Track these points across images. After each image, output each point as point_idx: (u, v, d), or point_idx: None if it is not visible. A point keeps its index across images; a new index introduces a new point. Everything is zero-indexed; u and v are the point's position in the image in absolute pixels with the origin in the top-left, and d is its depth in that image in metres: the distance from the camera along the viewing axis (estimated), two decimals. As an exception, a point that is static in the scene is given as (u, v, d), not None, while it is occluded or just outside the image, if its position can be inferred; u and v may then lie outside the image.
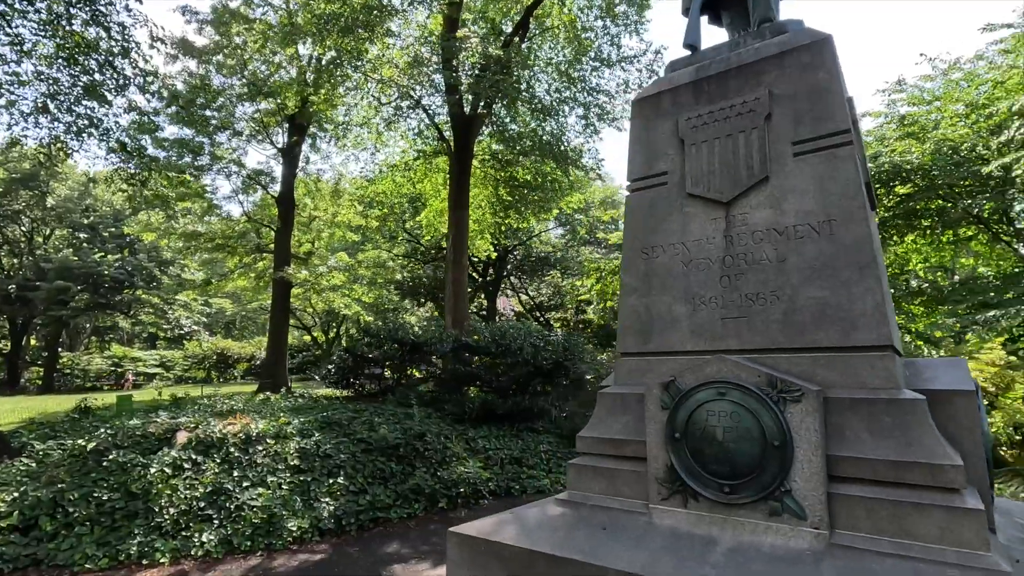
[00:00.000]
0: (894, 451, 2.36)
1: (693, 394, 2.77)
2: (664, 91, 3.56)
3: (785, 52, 3.12)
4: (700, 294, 3.13)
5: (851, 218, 2.75)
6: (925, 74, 12.58)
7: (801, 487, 2.43)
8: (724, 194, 3.14)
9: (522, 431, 7.76)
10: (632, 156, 3.62)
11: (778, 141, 3.03)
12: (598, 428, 3.25)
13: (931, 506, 2.21)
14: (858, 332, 2.63)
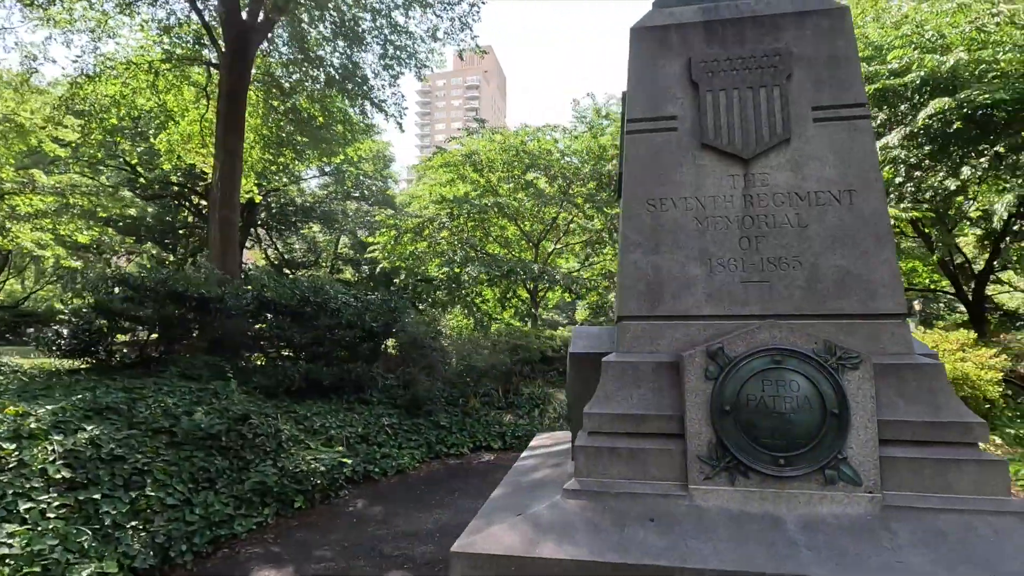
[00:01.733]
0: (928, 413, 2.51)
1: (746, 363, 2.54)
2: (671, 25, 3.18)
3: (804, 13, 3.04)
4: (717, 255, 2.91)
5: (870, 189, 2.84)
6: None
7: (856, 453, 2.43)
8: (745, 150, 2.94)
9: (353, 403, 6.69)
10: (633, 94, 3.16)
11: (798, 103, 2.95)
12: (609, 403, 2.79)
13: (966, 461, 2.42)
14: (877, 300, 2.74)
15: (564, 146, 14.47)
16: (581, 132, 14.63)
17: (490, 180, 15.25)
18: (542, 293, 15.47)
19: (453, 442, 6.43)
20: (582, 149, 14.73)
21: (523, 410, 7.53)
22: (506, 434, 6.73)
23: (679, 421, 2.66)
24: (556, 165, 13.76)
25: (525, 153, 14.22)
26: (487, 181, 15.22)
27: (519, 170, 14.78)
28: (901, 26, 8.00)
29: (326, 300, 7.60)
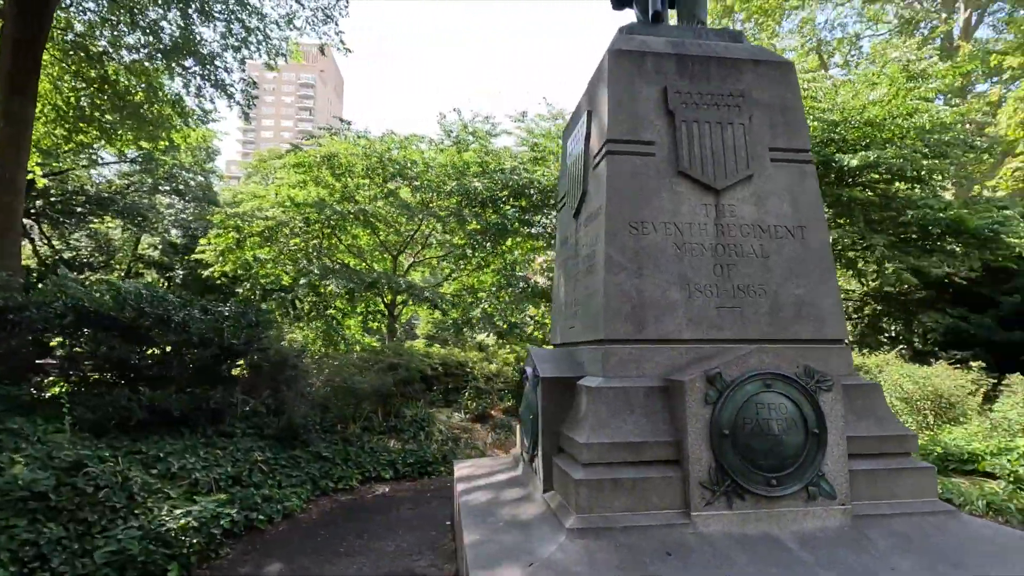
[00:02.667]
0: (875, 428, 2.84)
1: (741, 386, 2.62)
2: (647, 52, 3.23)
3: (759, 61, 3.32)
4: (695, 280, 2.99)
5: (818, 226, 3.16)
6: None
7: (831, 469, 2.63)
8: (717, 182, 3.09)
9: (212, 437, 5.55)
10: (612, 114, 3.14)
11: (758, 144, 3.20)
12: (604, 432, 2.66)
13: (906, 469, 2.77)
14: (826, 327, 3.05)
15: (429, 158, 14.18)
16: (447, 146, 14.48)
17: (347, 185, 14.30)
18: (399, 308, 14.87)
19: (340, 475, 5.70)
20: (447, 163, 14.58)
21: (408, 434, 7.03)
22: (397, 462, 6.18)
23: (675, 447, 2.64)
24: (422, 177, 13.41)
25: (391, 161, 13.63)
26: (344, 186, 14.25)
27: (381, 178, 14.11)
28: None
29: (168, 312, 6.30)
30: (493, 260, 15.65)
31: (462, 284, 15.01)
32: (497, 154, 14.92)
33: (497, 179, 13.49)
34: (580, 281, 3.45)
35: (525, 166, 14.07)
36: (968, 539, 2.49)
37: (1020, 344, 7.77)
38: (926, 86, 8.80)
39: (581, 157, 3.54)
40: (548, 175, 13.48)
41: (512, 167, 14.00)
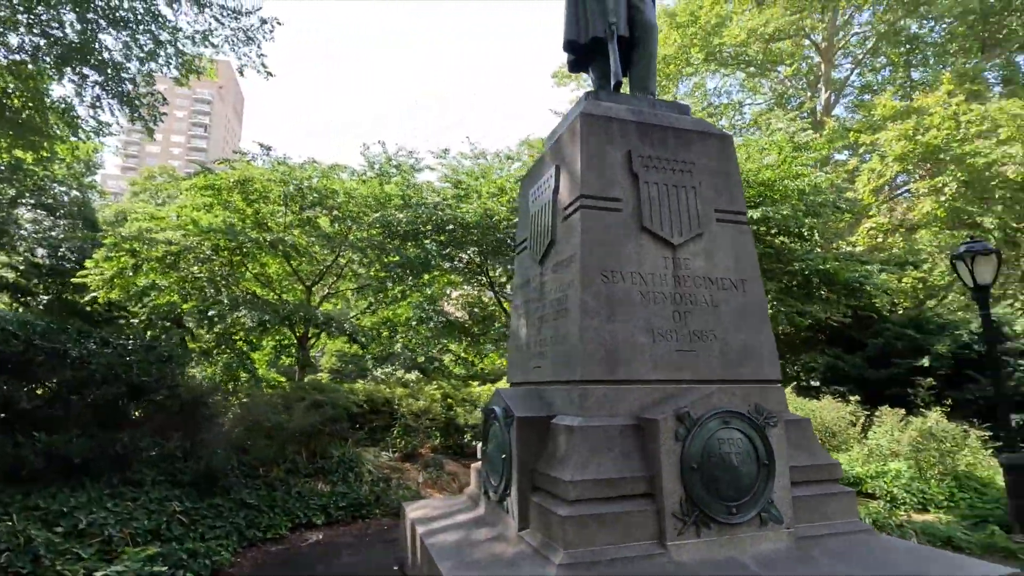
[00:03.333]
0: (809, 458, 3.25)
1: (706, 424, 2.91)
2: (613, 119, 3.59)
3: (705, 133, 3.79)
4: (658, 326, 3.30)
5: (755, 279, 3.62)
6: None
7: (778, 496, 2.98)
8: (675, 237, 3.46)
9: (120, 487, 4.93)
10: (586, 172, 3.43)
11: (706, 205, 3.62)
12: (588, 469, 2.83)
13: (833, 494, 3.19)
14: (765, 368, 3.47)
15: (351, 188, 13.93)
16: (370, 178, 14.34)
17: (260, 212, 13.64)
18: (311, 341, 14.22)
19: (268, 523, 5.30)
20: (368, 194, 14.40)
21: (336, 476, 6.70)
22: (328, 506, 5.86)
23: (649, 481, 2.87)
24: (344, 207, 13.15)
25: (311, 189, 13.23)
26: (255, 212, 13.58)
27: (298, 205, 13.63)
28: None
29: (64, 345, 5.65)
30: (412, 294, 15.53)
31: (380, 317, 14.71)
32: (419, 188, 15.01)
33: (420, 212, 13.54)
34: (548, 323, 3.64)
35: (448, 202, 14.26)
36: (889, 551, 2.92)
37: (885, 380, 9.06)
38: (806, 155, 10.21)
39: (548, 207, 3.79)
40: (472, 211, 13.76)
41: (435, 202, 14.14)
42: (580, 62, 4.49)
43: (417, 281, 14.70)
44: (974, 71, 16.80)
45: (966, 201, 13.51)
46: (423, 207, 13.76)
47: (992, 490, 6.04)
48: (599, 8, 4.11)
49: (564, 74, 25.70)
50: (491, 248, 14.25)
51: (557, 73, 25.59)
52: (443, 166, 15.93)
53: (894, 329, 9.76)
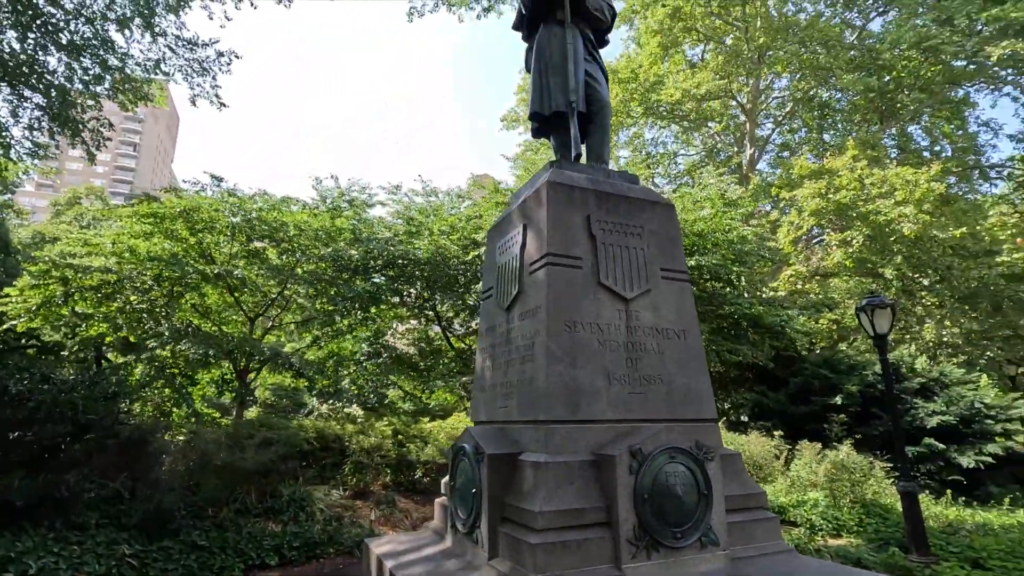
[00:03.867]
0: (740, 488, 3.74)
1: (655, 459, 3.34)
2: (574, 186, 4.09)
3: (653, 202, 4.36)
4: (613, 371, 3.74)
5: (694, 330, 4.15)
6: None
7: (716, 522, 3.42)
8: (627, 292, 3.95)
9: (64, 531, 4.73)
10: (551, 232, 3.88)
11: (653, 265, 4.15)
12: (554, 501, 3.17)
13: (761, 520, 3.68)
14: (704, 409, 3.97)
15: (301, 221, 13.92)
16: (321, 211, 14.39)
17: (203, 242, 13.37)
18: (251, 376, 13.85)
19: (221, 565, 5.21)
20: (318, 227, 14.42)
21: (287, 515, 6.63)
22: (282, 546, 5.80)
23: (607, 511, 3.24)
24: (295, 240, 13.12)
25: (260, 221, 13.13)
26: (197, 242, 13.29)
27: (245, 236, 13.46)
28: None
29: (4, 381, 5.47)
30: (359, 328, 15.49)
31: (327, 351, 14.56)
32: (370, 223, 15.21)
33: (372, 247, 13.70)
34: (514, 367, 4.00)
35: (400, 237, 14.50)
36: (809, 569, 3.41)
37: (805, 416, 9.95)
38: (735, 211, 11.28)
39: (515, 260, 4.20)
40: (423, 248, 14.06)
41: (387, 237, 14.35)
42: (542, 130, 5.01)
43: (365, 315, 14.73)
44: (874, 139, 19.00)
45: (870, 253, 15.15)
46: (375, 242, 13.93)
47: (893, 515, 6.82)
48: (561, 85, 4.66)
49: (513, 118, 26.83)
50: (441, 284, 14.57)
51: (506, 117, 26.69)
52: (394, 202, 16.26)
53: (811, 369, 10.77)
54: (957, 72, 18.90)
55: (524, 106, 26.35)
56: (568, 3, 4.81)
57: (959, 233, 14.06)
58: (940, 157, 20.19)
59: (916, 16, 19.46)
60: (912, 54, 18.30)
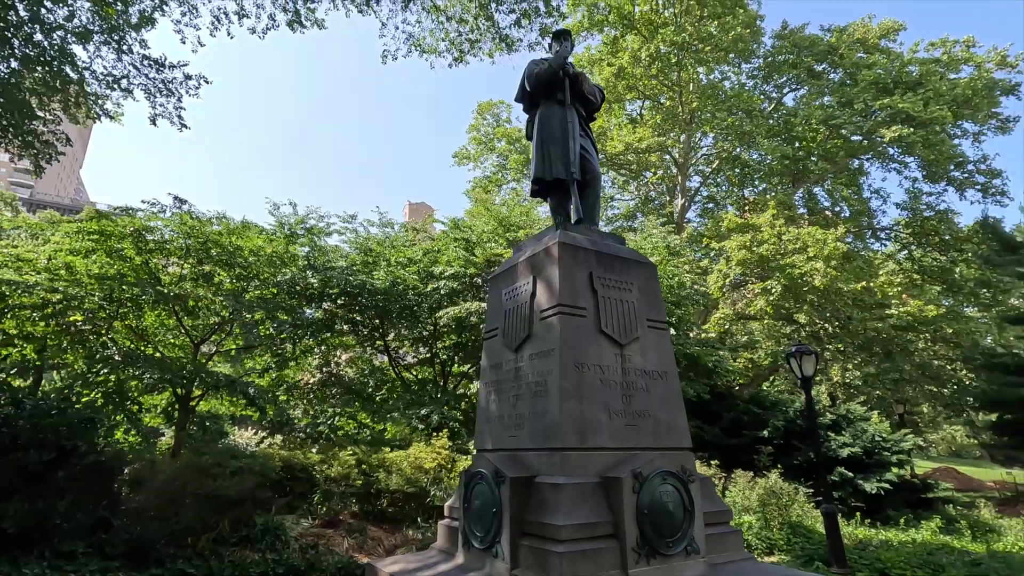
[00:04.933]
0: (712, 506, 4.48)
1: (651, 480, 4.01)
2: (578, 247, 4.81)
3: (639, 261, 5.16)
4: (612, 406, 4.42)
5: (673, 372, 4.92)
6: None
7: (697, 534, 4.13)
8: (622, 339, 4.68)
9: (55, 560, 4.64)
10: (563, 286, 4.56)
11: (641, 315, 4.92)
12: (573, 516, 3.76)
13: (730, 533, 4.43)
14: (683, 439, 4.71)
15: (256, 247, 13.84)
16: (278, 237, 14.38)
17: (149, 262, 12.98)
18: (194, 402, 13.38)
19: (213, 592, 5.28)
20: (272, 253, 14.36)
21: (263, 544, 6.67)
22: (267, 573, 5.89)
23: (613, 524, 3.86)
24: (254, 268, 13.06)
25: (215, 244, 12.97)
26: (144, 262, 12.89)
27: (195, 259, 13.21)
28: None
29: (-19, 406, 5.36)
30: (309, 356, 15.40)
31: (274, 379, 14.38)
32: (324, 250, 15.34)
33: (331, 276, 13.85)
34: (524, 401, 4.59)
35: (357, 267, 14.73)
36: (768, 571, 4.17)
37: (737, 447, 11.06)
38: (678, 259, 12.53)
39: (525, 307, 4.82)
40: (382, 278, 14.35)
41: (344, 267, 14.53)
42: (542, 192, 5.73)
43: (318, 342, 14.71)
44: (788, 199, 21.42)
45: (787, 300, 17.00)
46: (334, 271, 14.10)
47: (815, 534, 7.86)
48: (562, 157, 5.42)
49: (463, 155, 27.74)
50: (396, 314, 14.87)
51: (457, 154, 27.54)
52: (349, 231, 16.50)
53: (743, 405, 12.01)
54: (855, 146, 21.81)
55: (475, 144, 27.37)
56: (568, 88, 5.64)
57: (860, 287, 16.16)
58: (840, 217, 23.02)
59: (823, 95, 22.39)
60: (819, 128, 20.97)
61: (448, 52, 13.24)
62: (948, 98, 18.40)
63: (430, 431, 11.53)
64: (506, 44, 12.43)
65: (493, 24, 12.71)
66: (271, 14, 12.44)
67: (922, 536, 8.12)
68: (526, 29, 11.84)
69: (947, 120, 18.18)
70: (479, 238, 14.66)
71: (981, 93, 18.81)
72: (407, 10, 12.80)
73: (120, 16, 11.68)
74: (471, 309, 13.29)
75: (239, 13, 12.13)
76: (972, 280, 20.42)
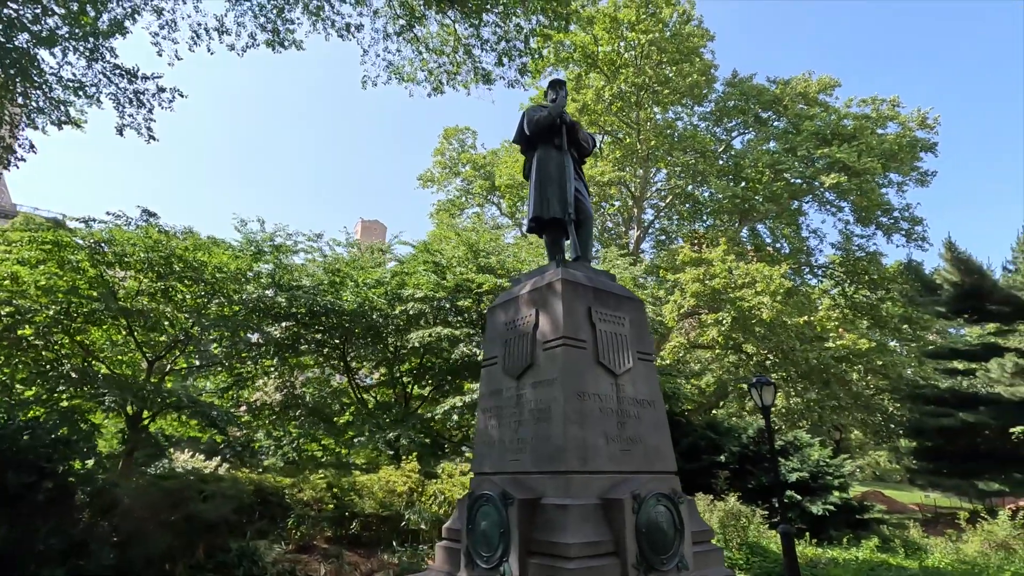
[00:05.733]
0: (697, 525, 4.88)
1: (647, 501, 4.38)
2: (578, 284, 5.20)
3: (631, 298, 5.61)
4: (609, 432, 4.78)
5: (659, 400, 5.35)
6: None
7: (686, 551, 4.51)
8: (616, 369, 5.07)
9: None
10: (566, 319, 4.92)
11: (632, 347, 5.33)
12: (579, 534, 4.06)
13: (712, 550, 4.83)
14: (667, 463, 5.12)
15: (222, 263, 13.56)
16: (243, 254, 14.15)
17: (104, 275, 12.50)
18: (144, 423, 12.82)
19: (200, 618, 5.18)
20: (236, 269, 14.09)
21: (240, 570, 6.53)
22: (249, 599, 5.82)
23: (614, 542, 4.19)
24: (221, 285, 12.81)
25: (177, 259, 12.65)
26: (99, 274, 12.40)
27: (154, 274, 12.82)
28: None
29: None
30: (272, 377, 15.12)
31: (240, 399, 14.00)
32: (288, 268, 15.19)
33: (299, 296, 13.73)
34: (526, 426, 4.88)
35: (324, 287, 14.66)
36: (747, 585, 4.59)
37: (696, 472, 11.62)
38: (642, 291, 13.19)
39: (527, 337, 5.14)
40: (349, 299, 14.34)
41: (312, 286, 14.43)
42: (538, 229, 6.11)
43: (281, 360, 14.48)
44: (736, 236, 22.82)
45: (736, 331, 18.04)
46: (302, 290, 14.00)
47: (771, 554, 8.42)
48: (559, 197, 5.84)
49: (428, 178, 28.03)
50: (361, 333, 14.84)
51: (422, 177, 27.81)
52: (314, 250, 16.45)
53: (700, 431, 12.66)
54: (796, 188, 23.57)
55: (440, 168, 27.74)
56: (565, 135, 6.10)
57: (802, 321, 17.38)
58: (781, 254, 24.69)
59: (769, 141, 24.15)
60: (765, 171, 22.58)
61: (427, 82, 13.61)
62: (878, 151, 20.31)
63: (398, 455, 11.54)
64: (484, 79, 12.92)
65: (472, 58, 13.21)
66: (251, 33, 12.49)
67: (863, 554, 8.85)
68: (506, 67, 12.38)
69: (877, 171, 20.04)
70: (449, 262, 14.91)
71: (905, 149, 20.87)
72: (388, 39, 13.13)
73: (91, 25, 11.46)
74: (441, 334, 13.48)
75: (219, 30, 12.14)
76: (896, 316, 22.33)
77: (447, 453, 13.21)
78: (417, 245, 15.85)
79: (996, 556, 9.51)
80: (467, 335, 13.63)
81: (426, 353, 14.94)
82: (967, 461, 17.63)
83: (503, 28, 11.94)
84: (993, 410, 17.44)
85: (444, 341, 13.43)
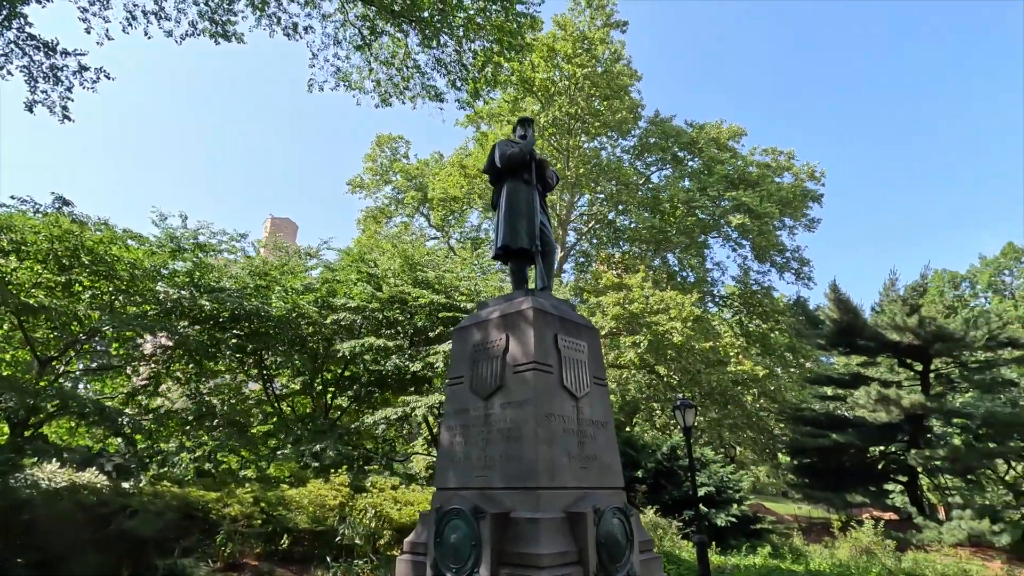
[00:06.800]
0: (642, 536, 5.42)
1: (605, 514, 4.84)
2: (548, 313, 5.63)
3: (590, 328, 6.12)
4: (572, 451, 5.22)
5: (610, 422, 5.87)
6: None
7: (634, 561, 5.01)
8: (578, 392, 5.54)
9: None
10: (537, 346, 5.32)
11: (590, 373, 5.84)
12: (551, 545, 4.43)
13: (654, 558, 5.39)
14: (617, 479, 5.63)
15: (135, 258, 12.64)
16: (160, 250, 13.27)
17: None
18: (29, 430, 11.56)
19: (138, 642, 4.88)
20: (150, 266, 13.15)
21: (171, 590, 6.23)
22: (188, 620, 5.54)
23: (578, 552, 4.60)
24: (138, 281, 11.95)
25: (87, 251, 11.65)
26: (-13, 263, 11.15)
27: (56, 266, 11.72)
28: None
29: None
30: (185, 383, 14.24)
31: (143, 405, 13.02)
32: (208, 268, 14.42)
33: (224, 299, 13.10)
34: (494, 444, 5.19)
35: (249, 291, 14.06)
36: (685, 589, 5.17)
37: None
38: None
39: (498, 360, 5.47)
40: (278, 306, 13.85)
41: (235, 288, 13.80)
42: (505, 257, 6.49)
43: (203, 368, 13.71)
44: (650, 264, 24.49)
45: (651, 353, 19.35)
46: (228, 292, 13.39)
47: (684, 562, 9.25)
48: (527, 229, 6.27)
49: (357, 183, 27.49)
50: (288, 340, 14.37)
51: (351, 182, 27.24)
52: (238, 250, 15.74)
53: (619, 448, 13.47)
54: (705, 224, 25.74)
55: (371, 174, 27.32)
56: (534, 171, 6.55)
57: (707, 346, 19.00)
58: (687, 282, 26.78)
59: (684, 179, 26.22)
60: (680, 206, 24.50)
61: (375, 91, 13.60)
62: (776, 198, 22.77)
63: (325, 467, 11.29)
64: (436, 97, 13.15)
65: (421, 74, 13.39)
66: (192, 20, 11.93)
67: (759, 561, 9.94)
68: (460, 90, 12.70)
69: (775, 215, 22.43)
70: (383, 274, 14.83)
71: (798, 197, 23.56)
72: (339, 45, 13.02)
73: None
74: (372, 344, 13.36)
75: (158, 14, 11.48)
76: (782, 345, 24.98)
77: (376, 468, 13.06)
78: (348, 252, 15.62)
79: (862, 559, 11.04)
80: (398, 347, 13.62)
81: (350, 363, 14.69)
82: (837, 476, 20.04)
83: (459, 52, 12.26)
84: (858, 432, 20.01)
85: (374, 352, 13.32)
